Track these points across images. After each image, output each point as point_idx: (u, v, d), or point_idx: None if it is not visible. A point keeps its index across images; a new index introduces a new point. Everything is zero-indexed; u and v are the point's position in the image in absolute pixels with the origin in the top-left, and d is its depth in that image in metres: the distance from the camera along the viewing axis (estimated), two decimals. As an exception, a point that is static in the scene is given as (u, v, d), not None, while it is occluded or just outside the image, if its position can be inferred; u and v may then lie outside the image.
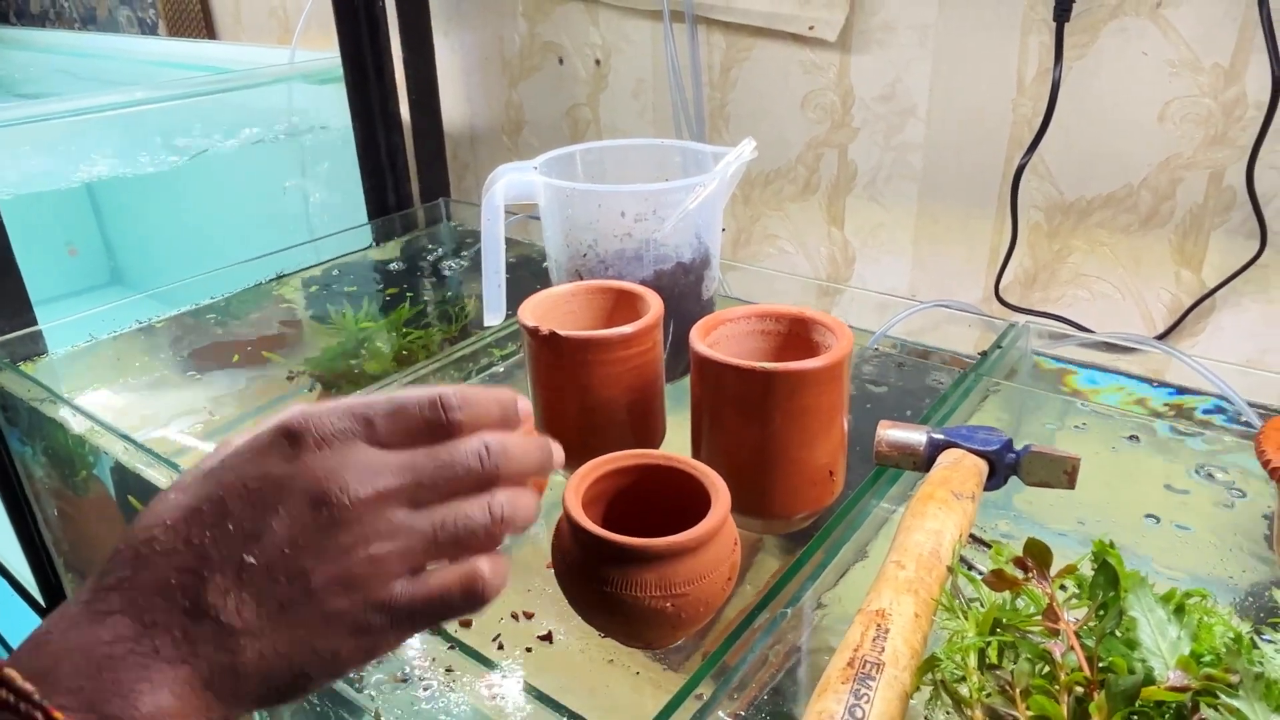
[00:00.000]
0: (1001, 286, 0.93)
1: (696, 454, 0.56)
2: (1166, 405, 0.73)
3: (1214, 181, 0.80)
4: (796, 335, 0.57)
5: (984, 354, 0.78)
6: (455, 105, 1.37)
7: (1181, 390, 0.75)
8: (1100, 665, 0.37)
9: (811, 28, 0.95)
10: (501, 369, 0.83)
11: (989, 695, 0.38)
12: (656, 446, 0.61)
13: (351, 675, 0.48)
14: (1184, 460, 0.65)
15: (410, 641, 0.48)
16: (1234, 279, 0.80)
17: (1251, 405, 0.71)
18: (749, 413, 0.51)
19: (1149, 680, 0.35)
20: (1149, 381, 0.76)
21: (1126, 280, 0.88)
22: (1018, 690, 0.38)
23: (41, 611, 1.09)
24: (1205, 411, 0.72)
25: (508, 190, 0.72)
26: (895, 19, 0.91)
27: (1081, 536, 0.58)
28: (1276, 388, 0.74)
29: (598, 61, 1.17)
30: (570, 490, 0.46)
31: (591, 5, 1.14)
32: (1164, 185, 0.82)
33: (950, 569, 0.47)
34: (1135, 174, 0.83)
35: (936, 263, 0.98)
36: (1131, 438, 0.67)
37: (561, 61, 1.21)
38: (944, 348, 0.88)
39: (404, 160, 1.31)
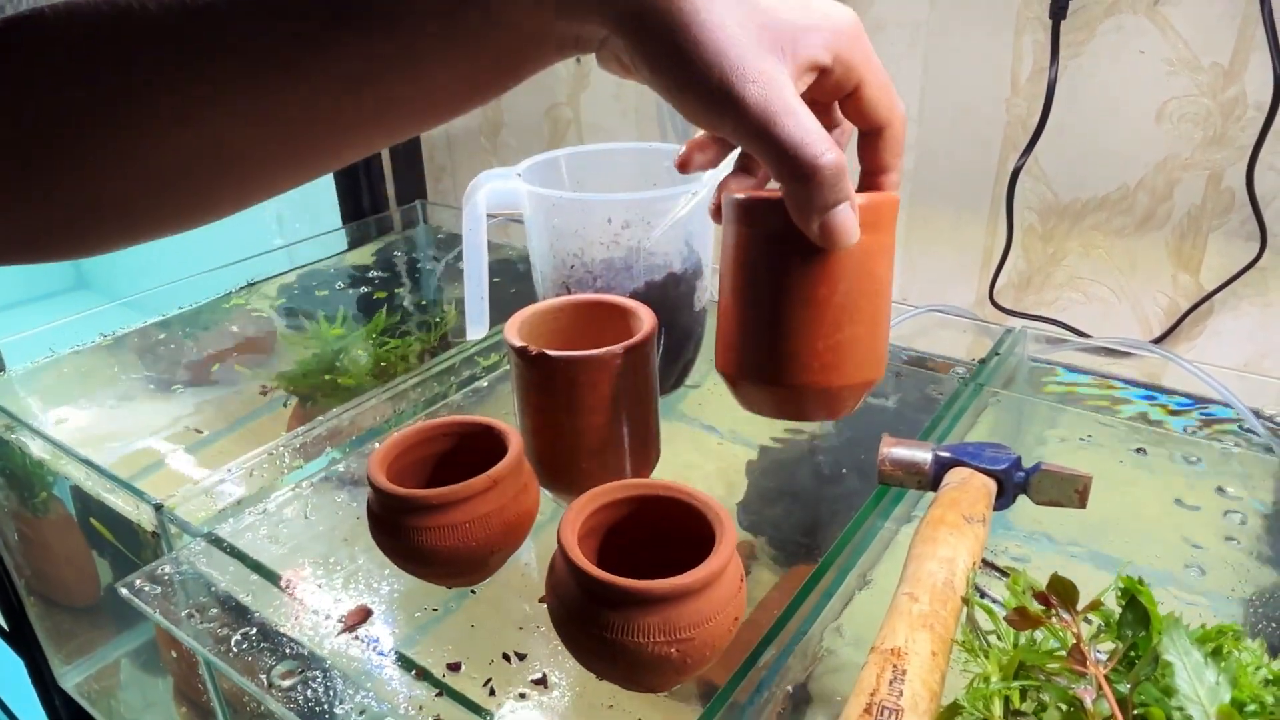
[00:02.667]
0: (995, 290, 0.91)
1: (737, 330, 0.46)
2: (1171, 414, 0.71)
3: (1212, 183, 0.78)
4: None
5: (982, 362, 0.76)
6: (431, 104, 1.33)
7: (1185, 396, 0.73)
8: (1134, 713, 0.35)
9: (799, 25, 0.92)
10: (485, 383, 0.80)
11: (1017, 746, 0.36)
12: (651, 469, 0.58)
13: (333, 728, 0.45)
14: (1194, 473, 0.63)
15: (396, 688, 0.45)
16: (1233, 282, 0.79)
17: (1251, 411, 0.70)
18: (789, 255, 0.42)
19: (1190, 732, 0.33)
20: (1150, 388, 0.75)
21: (1122, 283, 0.86)
22: (1048, 741, 0.35)
23: (6, 637, 1.05)
24: (1206, 417, 0.71)
25: (490, 199, 0.68)
26: (885, 17, 0.89)
27: (1094, 556, 0.57)
28: (1276, 393, 0.73)
29: (578, 59, 1.14)
30: (566, 526, 0.43)
31: (571, 1, 1.11)
32: (1161, 187, 0.81)
33: (965, 600, 0.45)
34: (1132, 175, 0.82)
35: (927, 266, 0.96)
36: (1139, 450, 0.65)
37: (541, 59, 1.17)
38: (938, 353, 0.86)
39: (378, 162, 1.26)
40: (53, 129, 0.33)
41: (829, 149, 0.36)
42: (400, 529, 0.47)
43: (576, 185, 0.75)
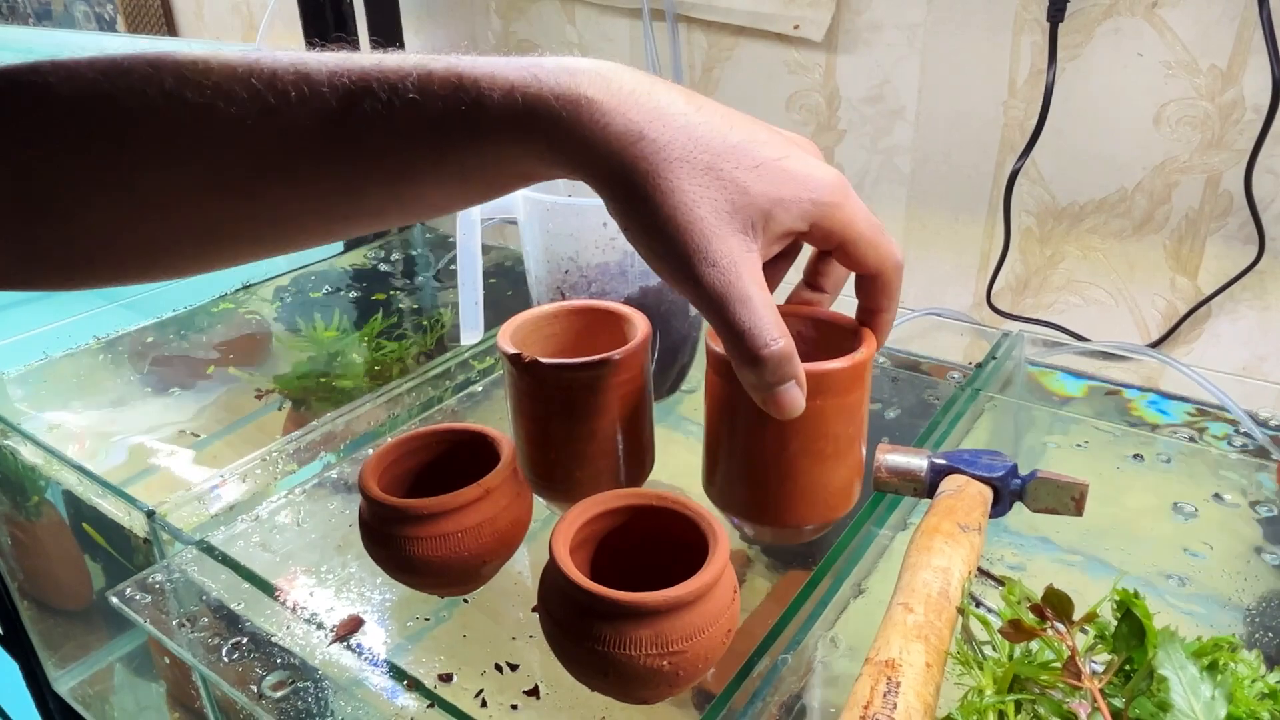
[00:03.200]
0: (993, 293, 0.91)
1: (711, 464, 0.53)
2: (1167, 419, 0.71)
3: (1210, 186, 0.78)
4: (813, 337, 0.52)
5: (979, 366, 0.75)
6: (427, 105, 1.33)
7: (1182, 401, 0.73)
8: (1130, 728, 0.35)
9: (796, 26, 0.92)
10: (480, 388, 0.80)
11: (1011, 760, 0.36)
12: (645, 477, 0.58)
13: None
14: (1190, 479, 0.63)
15: (388, 699, 0.45)
16: (1231, 285, 0.79)
17: (1248, 415, 0.70)
18: (767, 417, 0.46)
19: (1186, 748, 0.33)
20: (1149, 392, 0.74)
21: (1120, 286, 0.86)
22: (1042, 755, 0.35)
23: (1, 640, 1.04)
24: (1204, 422, 0.70)
25: (484, 204, 0.68)
26: (883, 18, 0.88)
27: (1091, 563, 0.56)
28: (1273, 396, 0.73)
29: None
30: (558, 537, 0.43)
31: (568, 2, 1.10)
32: (1159, 190, 0.80)
33: (960, 610, 0.45)
34: (1130, 178, 0.81)
35: (925, 269, 0.96)
36: (1135, 456, 0.65)
37: (537, 60, 1.17)
38: (934, 357, 0.85)
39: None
40: (45, 183, 0.34)
41: (774, 339, 0.38)
42: (392, 539, 0.47)
43: (572, 189, 0.74)
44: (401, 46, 1.22)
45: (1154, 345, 0.85)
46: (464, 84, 0.34)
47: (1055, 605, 0.39)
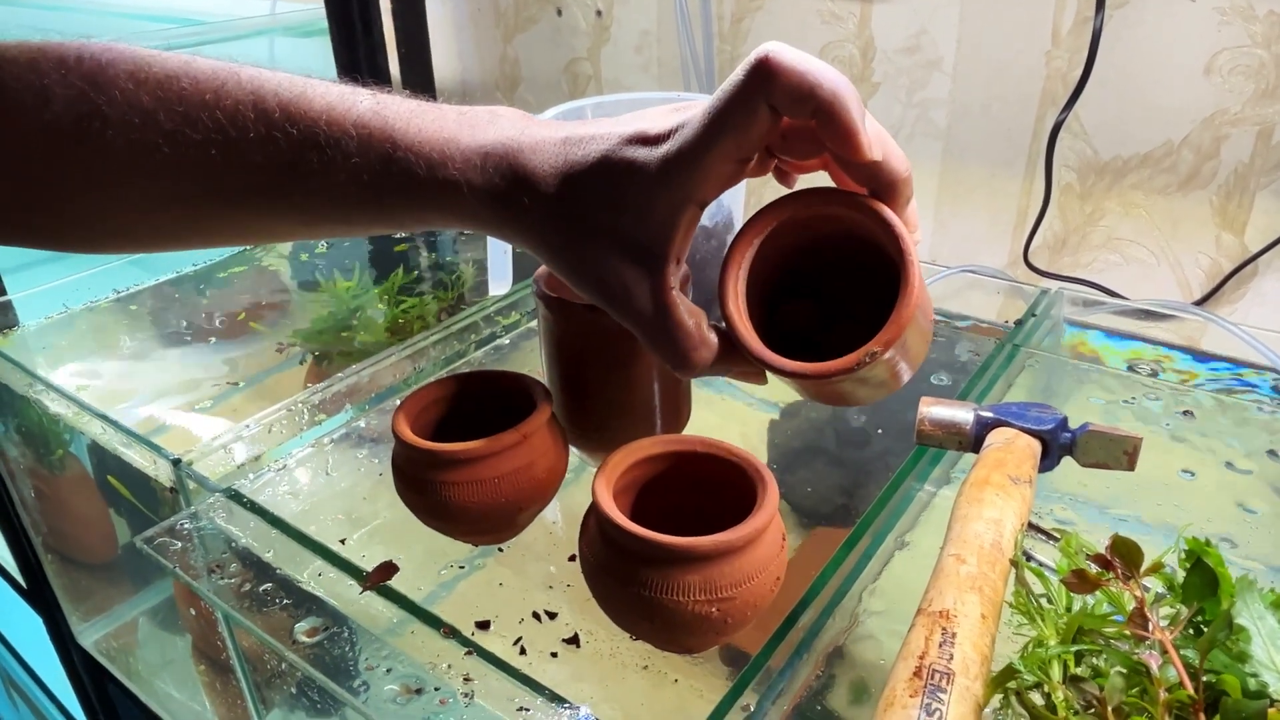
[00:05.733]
0: (1030, 251, 0.89)
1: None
2: (1216, 378, 0.69)
3: (1263, 139, 0.75)
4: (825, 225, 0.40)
5: (1019, 323, 0.73)
6: (447, 60, 1.30)
7: (1229, 360, 0.71)
8: (1203, 680, 0.33)
9: (831, -26, 0.89)
10: (507, 340, 0.78)
11: (1077, 713, 0.35)
12: (683, 426, 0.56)
13: (358, 686, 0.43)
14: (1243, 437, 0.61)
15: (423, 645, 0.44)
16: (1280, 243, 0.76)
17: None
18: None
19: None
20: (1194, 352, 0.72)
21: (1163, 244, 0.83)
22: (1110, 708, 0.34)
23: (24, 594, 1.05)
24: (1253, 383, 0.68)
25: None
26: (923, -36, 0.85)
27: (1139, 520, 0.55)
28: (1321, 357, 0.71)
29: (599, 12, 1.10)
30: (600, 482, 0.41)
31: (593, -49, 1.07)
32: (1207, 143, 0.78)
33: (1014, 563, 0.43)
34: (1177, 131, 0.79)
35: (959, 226, 0.94)
36: (1185, 413, 0.63)
37: (560, 12, 1.14)
38: (969, 315, 0.83)
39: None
40: (40, 178, 0.38)
41: (688, 356, 0.38)
42: (427, 484, 0.46)
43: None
44: (421, 0, 1.19)
45: (1197, 304, 0.82)
46: (395, 154, 0.37)
47: (1124, 555, 0.37)
